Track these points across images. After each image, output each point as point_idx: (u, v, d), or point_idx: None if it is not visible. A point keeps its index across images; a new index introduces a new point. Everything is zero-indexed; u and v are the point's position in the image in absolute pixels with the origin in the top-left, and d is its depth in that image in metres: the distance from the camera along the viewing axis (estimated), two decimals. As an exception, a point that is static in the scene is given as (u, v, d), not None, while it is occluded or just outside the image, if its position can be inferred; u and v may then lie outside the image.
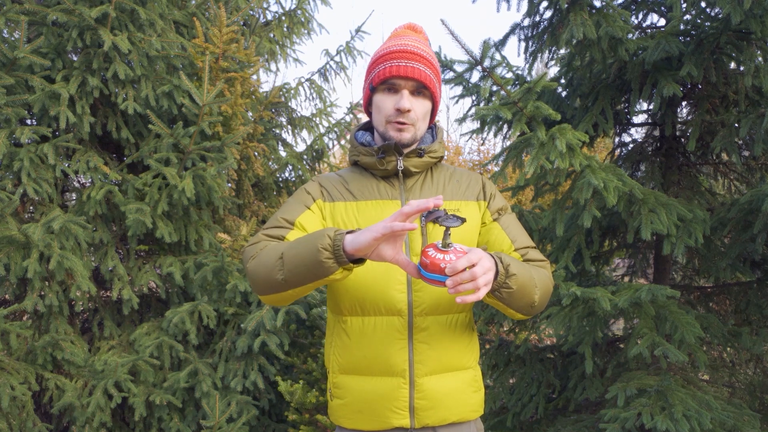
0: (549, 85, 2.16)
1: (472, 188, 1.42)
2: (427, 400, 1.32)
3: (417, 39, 1.38)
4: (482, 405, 1.43)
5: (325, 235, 1.11)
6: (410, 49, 1.33)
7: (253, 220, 2.99)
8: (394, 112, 1.32)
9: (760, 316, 2.68)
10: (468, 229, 1.36)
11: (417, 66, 1.32)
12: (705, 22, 2.29)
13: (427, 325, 1.31)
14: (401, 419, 1.32)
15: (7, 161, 2.59)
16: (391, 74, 1.31)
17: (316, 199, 1.38)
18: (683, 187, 2.72)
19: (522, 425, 2.86)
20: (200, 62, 2.87)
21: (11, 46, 2.63)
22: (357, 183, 1.40)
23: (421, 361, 1.31)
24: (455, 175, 1.45)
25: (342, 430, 1.40)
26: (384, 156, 1.36)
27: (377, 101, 1.36)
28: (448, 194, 1.39)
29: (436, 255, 1.05)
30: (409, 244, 1.32)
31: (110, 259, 2.78)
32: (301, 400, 2.57)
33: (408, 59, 1.32)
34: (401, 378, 1.31)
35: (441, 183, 1.41)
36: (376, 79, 1.33)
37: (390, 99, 1.33)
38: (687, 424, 2.03)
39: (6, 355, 2.57)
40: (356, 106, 3.86)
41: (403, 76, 1.31)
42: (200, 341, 2.83)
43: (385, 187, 1.38)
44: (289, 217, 1.32)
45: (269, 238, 1.30)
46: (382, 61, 1.34)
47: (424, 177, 1.41)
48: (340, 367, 1.38)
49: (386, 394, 1.32)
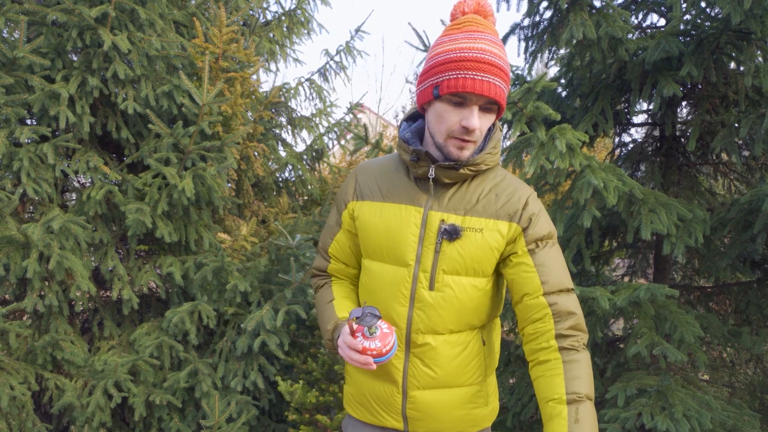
0: (549, 85, 2.16)
1: (509, 206, 1.27)
2: (419, 412, 1.33)
3: (491, 40, 1.19)
4: (491, 417, 1.40)
5: (327, 330, 1.33)
6: (488, 59, 1.16)
7: (253, 220, 2.98)
8: (460, 128, 1.19)
9: (760, 316, 2.68)
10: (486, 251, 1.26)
11: (493, 81, 1.16)
12: (705, 22, 2.29)
13: (423, 342, 1.29)
14: (395, 422, 1.36)
15: (7, 161, 2.59)
16: (464, 89, 1.15)
17: (347, 203, 1.39)
18: (683, 187, 2.72)
19: (522, 425, 2.86)
20: (200, 62, 2.86)
21: (11, 45, 2.63)
22: (389, 180, 1.34)
23: (414, 375, 1.31)
24: (498, 187, 1.29)
25: (349, 416, 1.48)
26: (417, 159, 1.28)
27: (441, 110, 1.21)
28: (477, 210, 1.27)
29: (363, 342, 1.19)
30: (420, 259, 1.27)
31: (110, 259, 2.78)
32: (301, 400, 2.57)
33: (485, 72, 1.15)
34: (395, 387, 1.33)
35: (476, 195, 1.28)
36: (445, 89, 1.17)
37: (457, 113, 1.19)
38: (687, 424, 2.03)
39: (6, 355, 2.57)
40: (356, 106, 3.86)
41: (478, 93, 1.16)
42: (200, 341, 2.83)
43: (415, 190, 1.30)
44: (324, 247, 1.47)
45: (317, 272, 1.50)
46: (455, 68, 1.16)
47: (460, 186, 1.29)
48: None
49: (382, 397, 1.36)
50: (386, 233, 1.30)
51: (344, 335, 1.21)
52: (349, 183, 1.40)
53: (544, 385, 1.21)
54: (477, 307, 1.30)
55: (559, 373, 1.20)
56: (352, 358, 1.17)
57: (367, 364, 1.16)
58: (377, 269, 1.32)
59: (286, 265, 2.85)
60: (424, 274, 1.27)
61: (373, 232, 1.32)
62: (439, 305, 1.27)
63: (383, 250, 1.31)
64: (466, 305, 1.29)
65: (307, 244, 2.86)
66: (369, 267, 1.35)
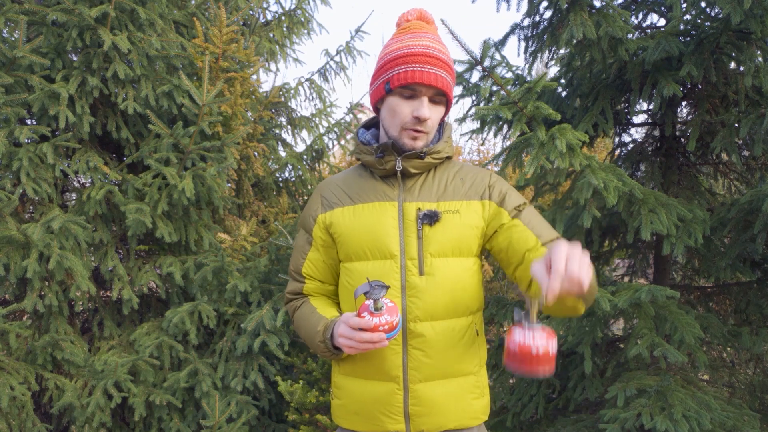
0: (549, 85, 2.16)
1: (476, 187, 1.36)
2: (422, 407, 1.30)
3: (435, 39, 1.31)
4: (486, 411, 1.40)
5: (317, 340, 1.29)
6: (433, 53, 1.27)
7: (253, 220, 2.99)
8: (412, 119, 1.28)
9: (760, 316, 2.68)
10: (467, 229, 1.33)
11: (440, 73, 1.26)
12: (705, 22, 2.28)
13: (421, 331, 1.29)
14: (396, 424, 1.31)
15: (7, 161, 2.59)
16: (413, 80, 1.25)
17: (316, 218, 1.40)
18: (683, 187, 2.72)
19: (522, 425, 2.86)
20: (200, 62, 2.86)
21: (11, 45, 2.63)
22: (356, 185, 1.39)
23: (415, 367, 1.29)
24: (461, 172, 1.39)
25: (342, 429, 1.41)
26: (383, 155, 1.33)
27: (393, 104, 1.30)
28: (448, 194, 1.34)
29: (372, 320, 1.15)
30: (404, 248, 1.30)
31: (110, 259, 2.78)
32: (301, 400, 2.57)
33: (431, 65, 1.26)
34: (395, 384, 1.30)
35: (443, 182, 1.36)
36: (395, 82, 1.26)
37: (408, 105, 1.28)
38: (687, 425, 2.03)
39: (6, 355, 2.57)
40: (356, 106, 3.86)
41: (425, 84, 1.25)
42: (200, 341, 2.83)
43: (383, 187, 1.36)
44: (296, 269, 1.45)
45: (292, 297, 1.47)
46: (403, 62, 1.26)
47: (425, 176, 1.36)
48: (340, 368, 1.39)
49: (381, 398, 1.32)
50: (365, 231, 1.32)
51: (347, 321, 1.19)
52: (314, 200, 1.43)
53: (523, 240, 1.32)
54: (467, 288, 1.33)
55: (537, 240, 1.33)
56: (363, 339, 1.15)
57: (380, 341, 1.15)
58: (361, 268, 1.32)
59: (286, 265, 2.85)
60: (411, 262, 1.29)
61: (352, 233, 1.33)
62: (432, 288, 1.29)
63: (365, 248, 1.32)
64: (457, 286, 1.31)
65: (307, 244, 2.86)
66: (352, 269, 1.34)
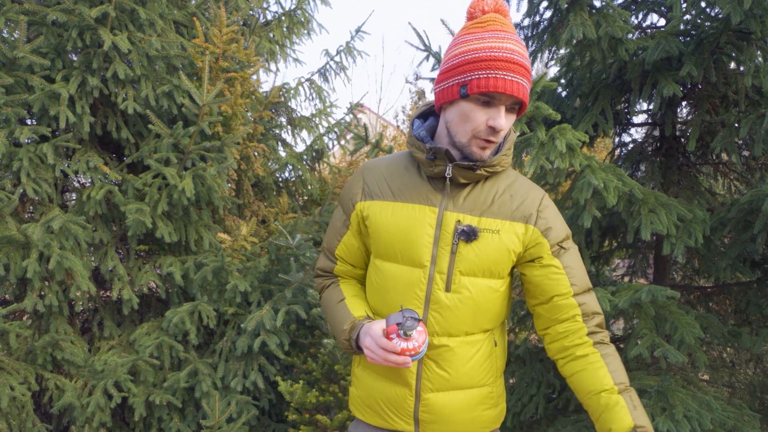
0: (549, 85, 2.16)
1: (524, 208, 1.28)
2: (432, 414, 1.31)
3: (516, 40, 1.19)
4: (498, 420, 1.39)
5: (344, 331, 1.29)
6: (516, 58, 1.16)
7: (253, 220, 2.98)
8: (486, 129, 1.19)
9: (760, 316, 2.68)
10: (503, 253, 1.26)
11: (521, 81, 1.16)
12: (705, 22, 2.29)
13: (439, 344, 1.28)
14: (406, 425, 1.34)
15: (7, 161, 2.59)
16: (495, 89, 1.14)
17: (355, 204, 1.34)
18: (683, 187, 2.72)
19: (522, 425, 2.86)
20: (200, 62, 2.86)
21: (11, 45, 2.63)
22: (400, 179, 1.31)
23: (428, 378, 1.29)
24: (512, 188, 1.30)
25: (356, 420, 1.46)
26: (434, 159, 1.25)
27: (467, 110, 1.19)
28: (493, 211, 1.26)
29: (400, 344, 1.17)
30: (436, 260, 1.26)
31: (110, 259, 2.78)
32: (301, 400, 2.57)
33: (515, 73, 1.15)
34: (408, 390, 1.31)
35: (490, 195, 1.27)
36: (476, 89, 1.15)
37: (484, 113, 1.18)
38: (688, 425, 2.03)
39: (6, 355, 2.57)
40: (356, 106, 3.86)
41: (508, 94, 1.15)
42: (200, 341, 2.83)
43: (428, 189, 1.28)
44: (330, 248, 1.44)
45: (322, 273, 1.47)
46: (485, 68, 1.15)
47: (474, 186, 1.28)
48: (360, 359, 1.42)
49: (393, 400, 1.33)
50: (399, 234, 1.27)
51: (376, 338, 1.19)
52: (356, 183, 1.36)
53: (589, 378, 1.24)
54: (492, 308, 1.30)
55: (602, 366, 1.24)
56: (389, 360, 1.16)
57: (405, 363, 1.16)
58: (390, 270, 1.30)
59: (286, 265, 2.85)
60: (440, 276, 1.25)
61: (386, 233, 1.29)
62: (455, 307, 1.26)
63: (396, 251, 1.28)
64: (482, 307, 1.28)
65: (307, 244, 2.86)
66: (381, 267, 1.32)
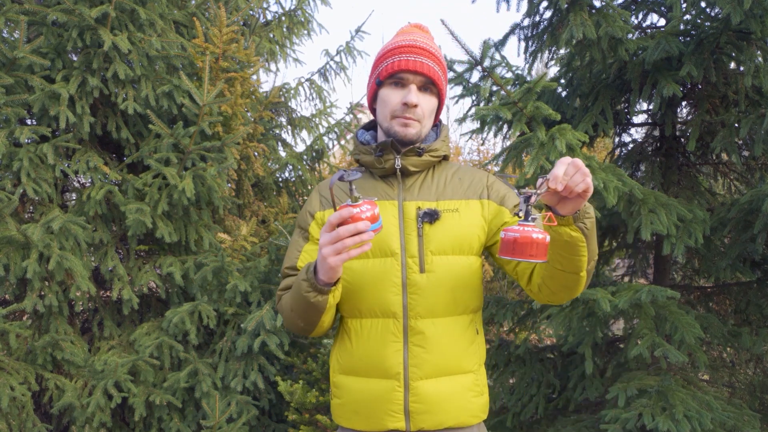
0: (549, 85, 2.16)
1: (474, 186, 1.38)
2: (423, 404, 1.30)
3: (424, 36, 1.37)
4: (485, 410, 1.39)
5: (301, 281, 1.23)
6: (419, 44, 1.32)
7: (253, 220, 2.99)
8: (401, 106, 1.31)
9: (760, 316, 2.68)
10: (466, 227, 1.33)
11: (426, 61, 1.31)
12: (705, 22, 2.29)
13: (422, 328, 1.29)
14: (396, 422, 1.31)
15: (7, 161, 2.59)
16: (399, 68, 1.30)
17: (314, 214, 1.40)
18: (683, 187, 2.72)
19: (522, 425, 2.86)
20: (200, 62, 2.86)
21: (11, 45, 2.63)
22: (356, 184, 1.37)
23: (416, 364, 1.29)
24: (459, 172, 1.41)
25: (342, 429, 1.41)
26: (382, 154, 1.34)
27: (383, 95, 1.34)
28: (447, 193, 1.36)
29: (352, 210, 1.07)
30: (405, 246, 1.30)
31: (110, 259, 2.78)
32: (301, 400, 2.57)
33: (417, 54, 1.31)
34: (396, 381, 1.30)
35: (441, 182, 1.38)
36: (384, 73, 1.32)
37: (397, 93, 1.32)
38: (688, 425, 2.03)
39: (6, 355, 2.57)
40: (356, 106, 3.86)
41: (411, 71, 1.30)
42: (200, 341, 2.83)
43: (383, 187, 1.36)
44: (290, 264, 1.40)
45: (283, 291, 1.40)
46: (390, 55, 1.33)
47: (425, 176, 1.38)
48: (340, 367, 1.39)
49: (381, 396, 1.31)
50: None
51: (325, 226, 1.12)
52: (313, 199, 1.43)
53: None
54: (468, 285, 1.33)
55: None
56: (348, 230, 1.07)
57: (365, 229, 1.08)
58: (360, 266, 1.31)
59: (286, 265, 2.85)
60: (412, 259, 1.30)
61: None
62: (433, 286, 1.29)
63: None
64: (459, 283, 1.32)
65: (307, 244, 2.86)
66: (351, 267, 1.32)
